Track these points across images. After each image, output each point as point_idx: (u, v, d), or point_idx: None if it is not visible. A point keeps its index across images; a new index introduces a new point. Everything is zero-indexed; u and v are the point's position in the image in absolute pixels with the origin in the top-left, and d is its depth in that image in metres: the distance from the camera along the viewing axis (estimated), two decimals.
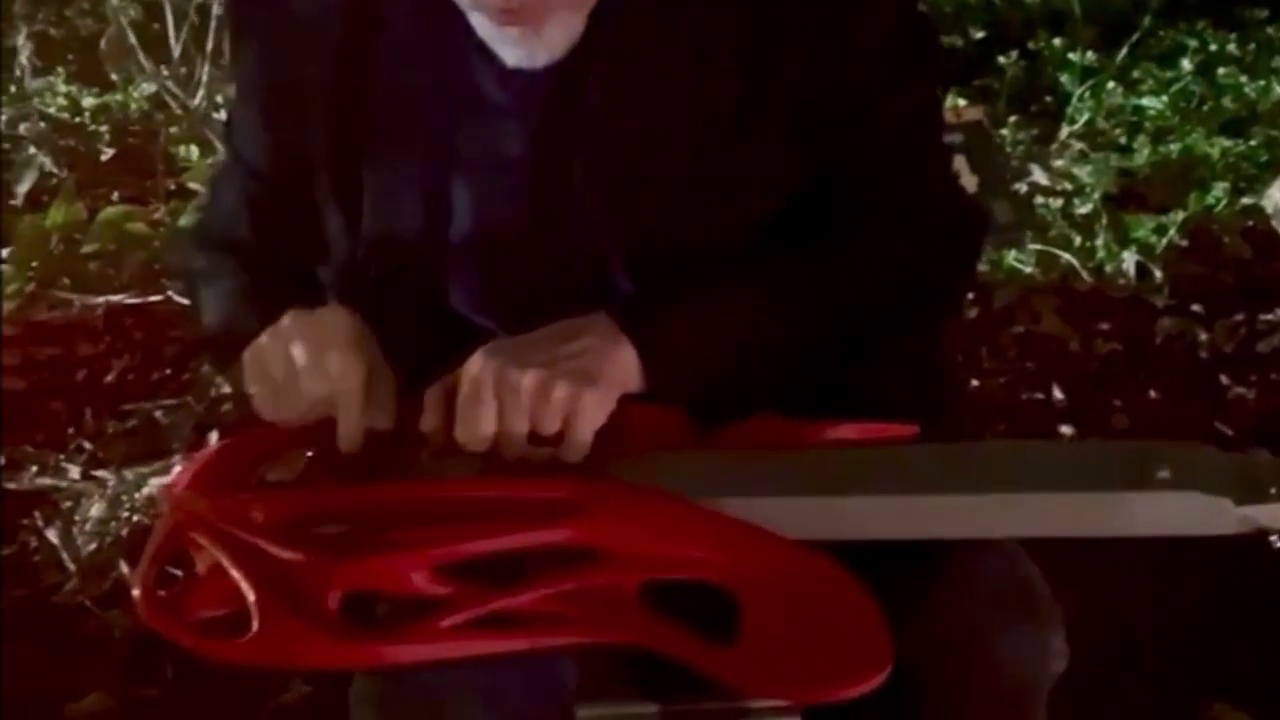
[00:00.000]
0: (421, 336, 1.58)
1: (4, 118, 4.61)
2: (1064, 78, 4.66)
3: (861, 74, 1.54)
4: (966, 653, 1.45)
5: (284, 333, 1.46)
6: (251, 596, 1.34)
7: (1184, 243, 3.94)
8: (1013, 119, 4.39)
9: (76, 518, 3.11)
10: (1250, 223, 4.04)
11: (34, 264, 3.81)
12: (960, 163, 3.07)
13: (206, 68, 3.98)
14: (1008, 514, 1.40)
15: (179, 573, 1.42)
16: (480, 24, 1.53)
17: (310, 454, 1.51)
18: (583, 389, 1.40)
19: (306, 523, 1.40)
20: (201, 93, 4.02)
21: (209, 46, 3.98)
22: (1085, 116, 4.42)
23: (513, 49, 1.53)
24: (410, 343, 1.54)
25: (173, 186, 4.06)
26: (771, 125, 1.53)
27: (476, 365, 1.41)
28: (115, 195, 4.23)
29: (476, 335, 1.54)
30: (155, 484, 3.15)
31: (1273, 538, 2.70)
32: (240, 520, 1.40)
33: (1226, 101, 4.59)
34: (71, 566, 2.99)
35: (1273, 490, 1.36)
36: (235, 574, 1.36)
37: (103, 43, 4.15)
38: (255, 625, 1.33)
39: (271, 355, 1.46)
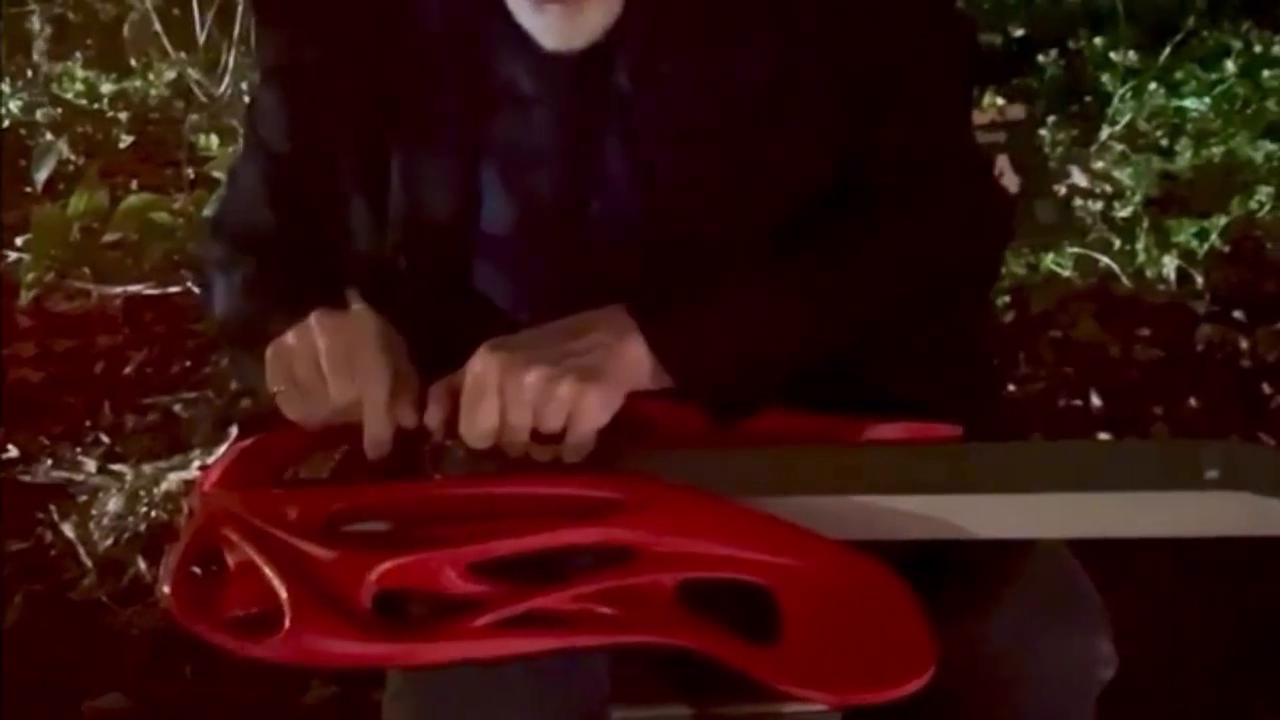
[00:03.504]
0: (451, 325, 1.54)
1: (20, 103, 4.60)
2: (1105, 78, 4.66)
3: (893, 56, 1.52)
4: (1012, 658, 1.43)
5: (310, 332, 1.44)
6: (283, 594, 1.32)
7: (1226, 248, 3.95)
8: (1052, 119, 4.37)
9: (93, 512, 3.10)
10: None
11: (53, 252, 3.78)
12: (1003, 162, 3.02)
13: (232, 54, 3.96)
14: (1053, 515, 1.37)
15: (198, 570, 1.39)
16: (518, 6, 1.52)
17: (339, 454, 1.49)
18: (587, 387, 1.38)
19: (340, 520, 1.39)
20: (227, 80, 3.99)
21: (235, 32, 3.95)
22: (1126, 117, 4.42)
23: (552, 31, 1.51)
24: (439, 331, 1.51)
25: (193, 175, 4.04)
26: (803, 107, 1.51)
27: (480, 361, 1.38)
28: (134, 184, 4.23)
29: (507, 324, 1.51)
30: (174, 479, 3.17)
31: None
32: (273, 517, 1.38)
33: (1271, 104, 4.59)
34: (88, 562, 2.98)
35: None
36: (267, 571, 1.34)
37: (126, 28, 4.12)
38: (287, 623, 1.30)
39: (297, 355, 1.44)
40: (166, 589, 1.37)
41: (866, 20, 1.51)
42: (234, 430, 3.25)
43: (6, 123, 4.66)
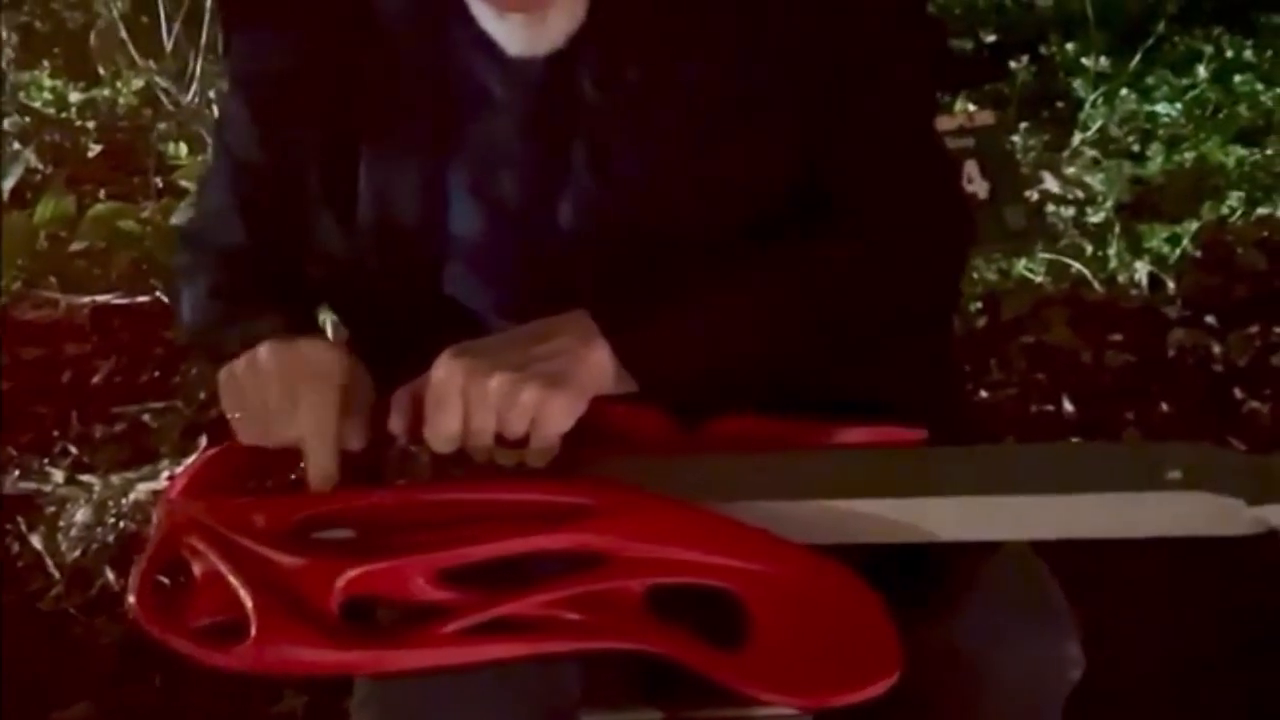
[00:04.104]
0: (422, 329, 1.53)
1: None
2: (1077, 83, 4.66)
3: (860, 58, 1.52)
4: (980, 661, 1.45)
5: (259, 367, 1.43)
6: (249, 602, 1.31)
7: (1198, 253, 3.93)
8: (1024, 125, 4.37)
9: (61, 523, 3.09)
10: (1265, 233, 4.03)
11: (20, 261, 3.77)
12: (971, 168, 3.02)
13: (200, 63, 3.94)
14: (1017, 517, 1.37)
15: (166, 580, 1.39)
16: (482, 12, 1.51)
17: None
18: (551, 392, 1.37)
19: (307, 527, 1.38)
20: (194, 88, 3.98)
21: (203, 40, 3.94)
22: (1098, 123, 4.41)
23: (515, 37, 1.51)
24: (410, 335, 1.50)
25: (161, 184, 4.02)
26: (770, 110, 1.51)
27: (444, 366, 1.38)
28: (102, 193, 4.21)
29: (478, 328, 1.52)
30: (142, 489, 3.15)
31: None
32: (239, 525, 1.38)
33: (1242, 109, 4.57)
34: (56, 573, 2.97)
35: None
36: (232, 580, 1.33)
37: (93, 36, 4.11)
38: (254, 631, 1.30)
39: (247, 389, 1.44)
40: (133, 598, 1.36)
41: (833, 23, 1.51)
42: (203, 440, 3.24)
43: None
